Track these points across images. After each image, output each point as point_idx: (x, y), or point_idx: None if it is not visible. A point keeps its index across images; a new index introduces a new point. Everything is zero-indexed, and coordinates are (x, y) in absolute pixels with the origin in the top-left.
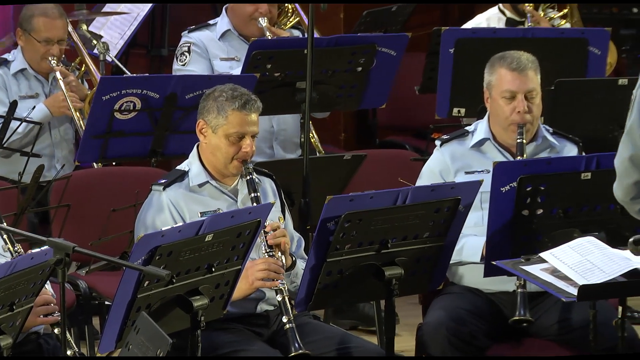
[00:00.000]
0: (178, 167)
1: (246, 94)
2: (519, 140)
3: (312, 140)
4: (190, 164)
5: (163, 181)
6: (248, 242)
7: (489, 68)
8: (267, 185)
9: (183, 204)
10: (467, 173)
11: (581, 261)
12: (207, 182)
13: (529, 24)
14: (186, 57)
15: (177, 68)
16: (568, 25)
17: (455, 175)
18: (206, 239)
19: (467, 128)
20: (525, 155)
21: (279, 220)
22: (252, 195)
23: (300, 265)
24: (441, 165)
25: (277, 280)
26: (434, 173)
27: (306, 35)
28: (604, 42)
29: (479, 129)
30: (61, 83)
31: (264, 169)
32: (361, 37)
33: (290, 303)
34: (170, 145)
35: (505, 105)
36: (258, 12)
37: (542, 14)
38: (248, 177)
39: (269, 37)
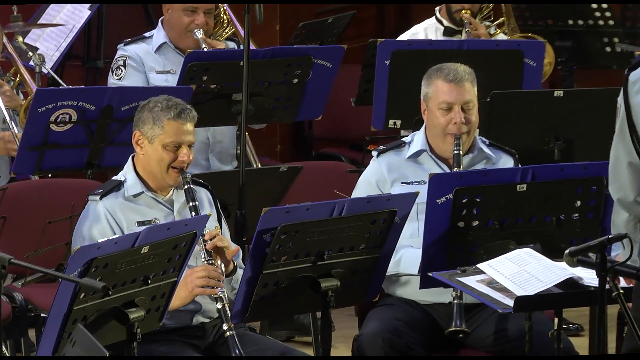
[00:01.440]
0: (114, 178)
1: (181, 103)
2: (455, 152)
3: (248, 152)
4: (126, 175)
5: (99, 191)
6: (184, 254)
7: (426, 80)
8: (203, 195)
9: (120, 213)
10: (403, 184)
11: (518, 272)
12: (143, 192)
13: (466, 30)
14: (122, 71)
15: (113, 82)
16: (504, 36)
17: (391, 185)
18: (142, 251)
19: (403, 139)
20: (461, 167)
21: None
22: (191, 204)
23: (241, 272)
24: (377, 176)
25: (216, 287)
26: (370, 183)
27: (242, 47)
28: (540, 53)
29: (416, 140)
30: None
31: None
32: (297, 49)
33: (230, 310)
34: (106, 157)
35: (442, 117)
36: (194, 24)
37: (479, 22)
38: (186, 187)
39: (205, 49)
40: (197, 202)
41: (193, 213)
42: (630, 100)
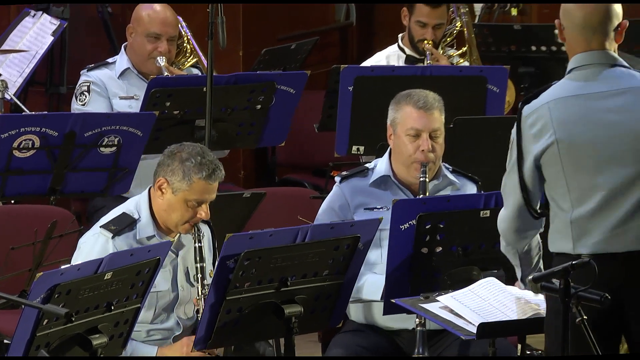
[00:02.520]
0: (126, 212)
1: (214, 162)
2: (421, 179)
3: None
4: (140, 211)
5: (113, 228)
6: (147, 280)
7: (395, 105)
8: (205, 235)
9: None
10: (366, 210)
11: (482, 305)
12: (154, 236)
13: (428, 62)
14: (86, 96)
15: (77, 107)
16: (467, 64)
17: (354, 211)
18: (105, 277)
19: (367, 165)
20: (427, 194)
21: (208, 277)
22: (196, 245)
23: None
24: (340, 201)
25: None
26: (333, 209)
27: (205, 73)
28: (503, 80)
29: (380, 165)
30: None
31: None
32: (260, 75)
33: None
34: (69, 183)
35: (409, 143)
36: (157, 51)
37: (441, 52)
38: (197, 245)
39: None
40: (203, 244)
41: (197, 254)
42: (522, 134)
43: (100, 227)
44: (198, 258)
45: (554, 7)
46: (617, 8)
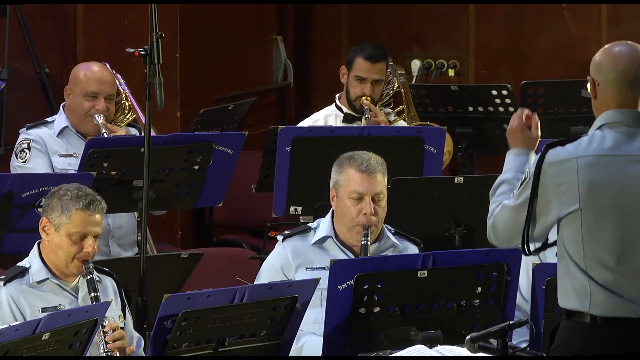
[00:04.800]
0: (18, 264)
1: (91, 194)
2: (363, 242)
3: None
4: (31, 261)
5: (2, 277)
6: (85, 340)
7: (338, 167)
8: (109, 284)
9: (23, 299)
10: (308, 269)
11: None
12: (47, 279)
13: (366, 117)
14: (26, 153)
15: (18, 165)
16: (404, 122)
17: (296, 270)
18: (43, 338)
19: (309, 224)
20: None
21: (119, 320)
22: (92, 295)
23: None
24: (282, 260)
25: None
26: (275, 268)
27: (143, 134)
28: (440, 140)
29: (322, 226)
30: None
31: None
32: (198, 136)
33: None
34: (6, 243)
35: (352, 206)
36: (95, 109)
37: (379, 109)
38: (88, 277)
39: (105, 134)
40: (99, 293)
41: (91, 288)
42: (542, 179)
43: None
44: (92, 288)
45: (491, 67)
46: None
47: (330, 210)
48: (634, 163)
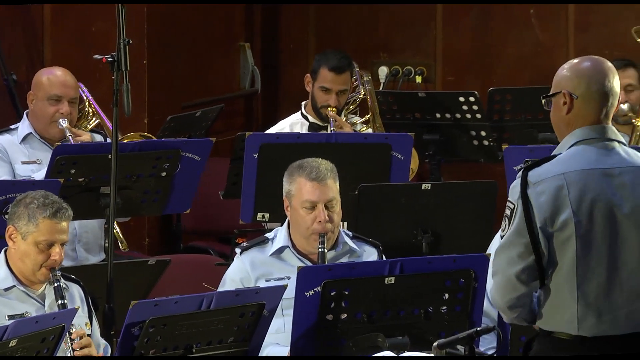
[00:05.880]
0: None
1: (57, 202)
2: (320, 250)
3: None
4: None
5: None
6: (52, 347)
7: (288, 177)
8: (75, 291)
9: None
10: (267, 280)
11: None
12: (14, 286)
13: (332, 129)
14: None
15: None
16: (370, 131)
17: (255, 282)
18: (10, 345)
19: (266, 235)
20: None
21: (85, 327)
22: (59, 302)
23: None
24: (242, 274)
25: None
26: (235, 281)
27: (109, 140)
28: (407, 147)
29: (279, 236)
30: None
31: (70, 274)
32: (165, 142)
33: None
34: None
35: (306, 215)
36: (59, 113)
37: (344, 119)
38: (55, 284)
39: (70, 138)
40: (66, 300)
41: (57, 295)
42: (531, 202)
43: None
44: (59, 296)
45: (458, 74)
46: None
47: (286, 220)
48: (617, 175)
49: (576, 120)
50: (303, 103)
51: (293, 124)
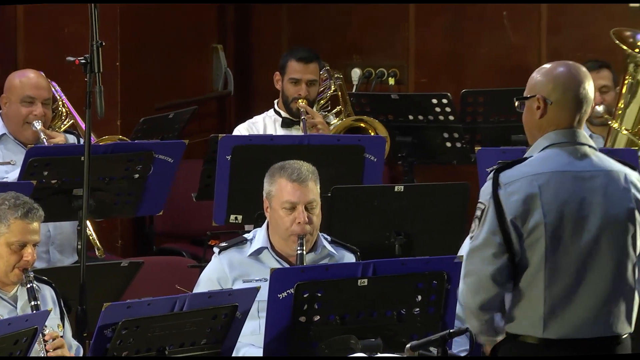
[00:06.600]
0: None
1: (28, 202)
2: (299, 252)
3: (90, 238)
4: None
5: None
6: (25, 349)
7: (269, 178)
8: (47, 293)
9: None
10: (245, 281)
11: None
12: None
13: (302, 118)
14: None
15: None
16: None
17: (233, 283)
18: None
19: (245, 236)
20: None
21: (57, 329)
22: (32, 303)
23: None
24: (219, 273)
25: None
26: (212, 281)
27: (82, 142)
28: (380, 149)
29: (258, 237)
30: None
31: (43, 276)
32: (138, 144)
33: None
34: None
35: (285, 216)
36: (32, 114)
37: (316, 111)
38: (28, 286)
39: (45, 140)
40: (39, 302)
41: (31, 297)
42: (502, 203)
43: None
44: (32, 297)
45: (431, 76)
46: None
47: (266, 221)
48: (589, 179)
49: (549, 125)
50: (275, 100)
51: (266, 117)
